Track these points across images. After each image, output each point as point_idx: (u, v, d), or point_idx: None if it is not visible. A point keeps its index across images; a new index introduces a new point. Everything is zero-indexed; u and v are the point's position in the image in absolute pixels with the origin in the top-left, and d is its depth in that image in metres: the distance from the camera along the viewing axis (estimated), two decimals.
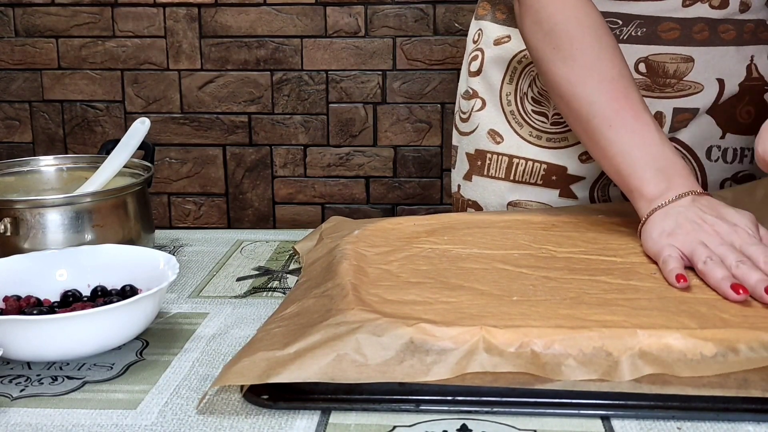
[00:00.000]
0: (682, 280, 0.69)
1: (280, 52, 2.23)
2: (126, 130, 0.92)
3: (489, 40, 1.07)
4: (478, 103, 1.08)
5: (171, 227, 2.35)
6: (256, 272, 0.89)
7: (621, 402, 0.58)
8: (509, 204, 1.05)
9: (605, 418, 0.58)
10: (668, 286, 0.70)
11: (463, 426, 0.57)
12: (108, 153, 0.92)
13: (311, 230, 0.96)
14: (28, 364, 0.67)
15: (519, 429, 0.57)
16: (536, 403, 0.58)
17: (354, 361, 0.58)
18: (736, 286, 0.67)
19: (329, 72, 2.24)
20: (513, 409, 0.58)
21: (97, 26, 2.25)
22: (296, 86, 2.25)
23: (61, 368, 0.66)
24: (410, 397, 0.59)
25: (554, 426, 0.57)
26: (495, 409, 0.58)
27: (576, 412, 0.58)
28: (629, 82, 0.84)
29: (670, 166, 0.80)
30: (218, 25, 2.23)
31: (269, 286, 0.85)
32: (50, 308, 0.71)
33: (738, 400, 0.57)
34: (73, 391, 0.63)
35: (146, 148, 0.95)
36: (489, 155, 1.07)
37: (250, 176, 2.31)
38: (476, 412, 0.58)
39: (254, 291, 0.83)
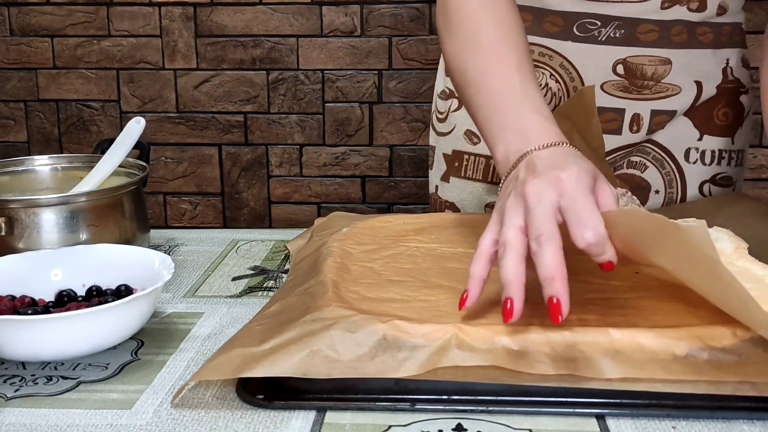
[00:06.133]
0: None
1: (276, 51, 2.23)
2: (121, 130, 0.91)
3: None
4: (455, 103, 1.07)
5: (167, 227, 2.34)
6: (252, 272, 0.89)
7: (616, 401, 0.58)
8: (487, 206, 1.05)
9: (600, 417, 0.58)
10: (648, 286, 0.69)
11: (459, 425, 0.57)
12: (103, 152, 0.92)
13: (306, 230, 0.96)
14: (23, 364, 0.67)
15: (514, 428, 0.57)
16: (531, 402, 0.58)
17: (327, 356, 0.59)
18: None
19: (325, 71, 2.24)
20: (508, 408, 0.58)
21: (92, 25, 2.24)
22: (292, 86, 2.25)
23: (55, 368, 0.66)
24: (405, 396, 0.59)
25: (549, 425, 0.57)
26: (490, 408, 0.58)
27: (571, 411, 0.58)
28: (510, 47, 0.79)
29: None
30: (214, 25, 2.23)
31: (264, 285, 0.85)
32: (45, 308, 0.70)
33: (732, 398, 0.57)
34: (67, 391, 0.63)
35: (141, 148, 0.95)
36: (466, 156, 1.06)
37: (245, 176, 2.31)
38: (471, 411, 0.58)
39: (249, 291, 0.83)
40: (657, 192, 1.01)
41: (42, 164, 0.96)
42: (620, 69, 0.96)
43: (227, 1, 2.20)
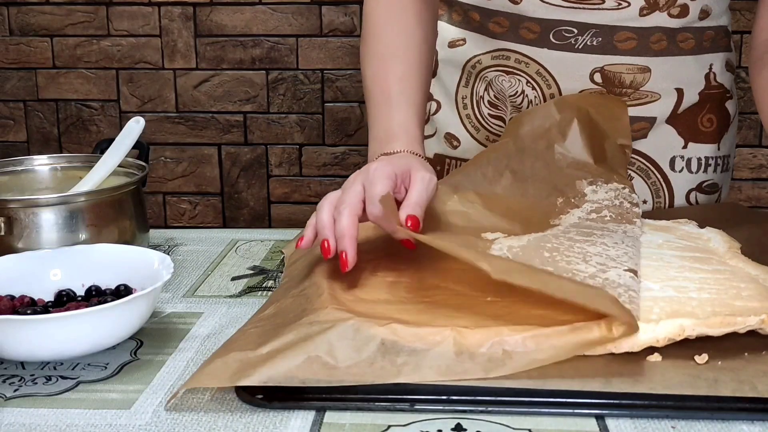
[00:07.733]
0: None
1: (276, 51, 2.23)
2: (121, 130, 0.91)
3: (444, 42, 1.04)
4: (434, 105, 1.06)
5: (166, 227, 2.34)
6: (251, 272, 0.88)
7: (615, 401, 0.58)
8: None
9: (600, 417, 0.58)
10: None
11: (458, 425, 0.57)
12: (102, 152, 0.92)
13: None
14: (22, 364, 0.67)
15: (514, 428, 0.57)
16: (531, 402, 0.58)
17: (325, 363, 0.58)
18: None
19: (324, 71, 2.24)
20: (508, 408, 0.58)
21: (91, 25, 2.24)
22: (291, 85, 2.25)
23: (55, 368, 0.66)
24: (405, 397, 0.59)
25: (549, 425, 0.57)
26: (490, 409, 0.58)
27: (571, 411, 0.58)
28: (398, 60, 0.89)
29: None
30: (213, 24, 2.23)
31: (264, 285, 0.85)
32: (44, 308, 0.70)
33: (732, 399, 0.57)
34: (67, 391, 0.63)
35: (141, 148, 0.95)
36: (447, 160, 1.05)
37: (245, 175, 2.31)
38: (471, 411, 0.58)
39: (249, 290, 0.83)
40: (645, 202, 1.00)
41: (41, 164, 0.96)
42: (598, 77, 0.94)
43: (227, 0, 2.20)
